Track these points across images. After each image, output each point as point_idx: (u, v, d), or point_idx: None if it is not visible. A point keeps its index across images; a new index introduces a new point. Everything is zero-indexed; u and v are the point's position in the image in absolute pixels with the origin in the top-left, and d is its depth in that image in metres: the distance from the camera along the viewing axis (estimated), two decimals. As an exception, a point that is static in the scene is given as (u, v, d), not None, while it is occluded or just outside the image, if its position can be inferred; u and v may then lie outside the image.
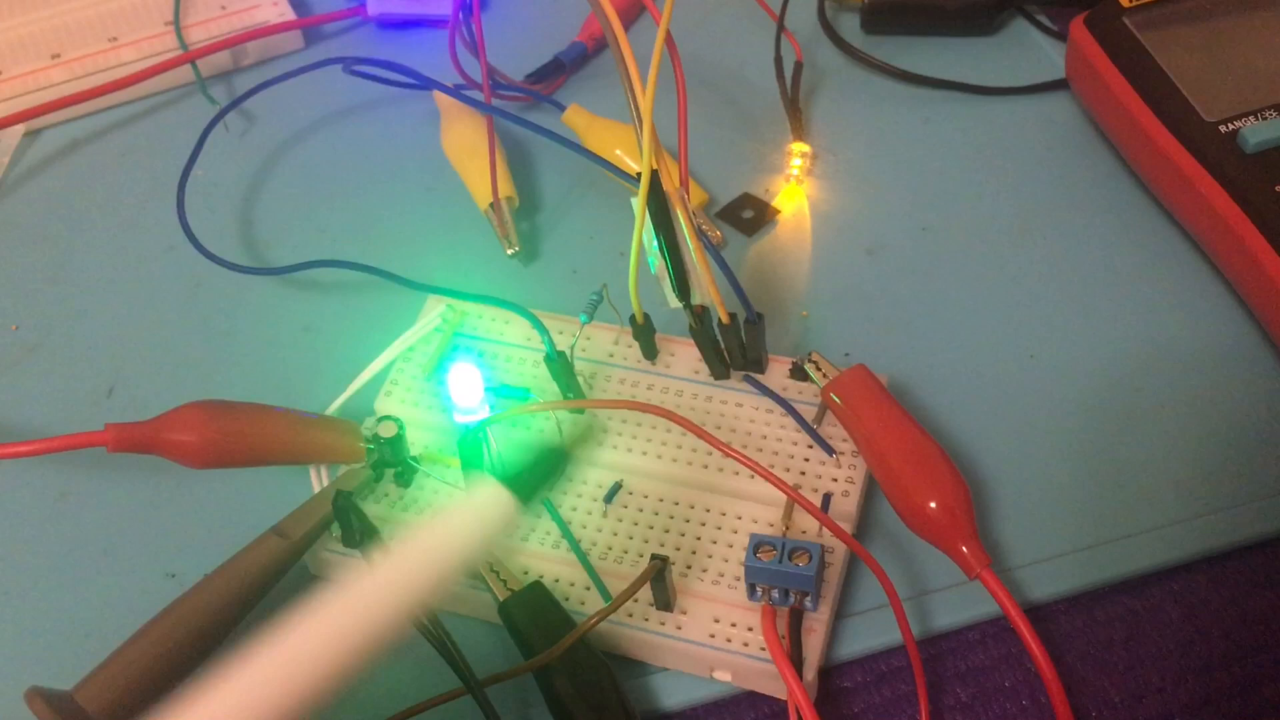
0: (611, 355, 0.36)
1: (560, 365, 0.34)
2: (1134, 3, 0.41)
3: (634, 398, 0.35)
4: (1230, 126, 0.38)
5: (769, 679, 0.30)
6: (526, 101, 0.45)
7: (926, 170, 0.43)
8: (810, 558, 0.30)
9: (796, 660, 0.30)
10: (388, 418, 0.33)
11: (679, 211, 0.32)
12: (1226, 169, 0.37)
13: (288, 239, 0.42)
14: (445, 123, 0.43)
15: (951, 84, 0.45)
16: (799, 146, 0.43)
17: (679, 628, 0.31)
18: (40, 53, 0.46)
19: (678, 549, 0.32)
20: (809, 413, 0.34)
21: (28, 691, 0.28)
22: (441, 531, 0.26)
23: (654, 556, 0.30)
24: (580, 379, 0.35)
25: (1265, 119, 0.38)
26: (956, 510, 0.30)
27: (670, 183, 0.32)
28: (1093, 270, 0.39)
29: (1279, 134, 0.37)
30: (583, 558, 0.32)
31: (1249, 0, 0.41)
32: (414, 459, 0.33)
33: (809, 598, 0.30)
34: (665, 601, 0.31)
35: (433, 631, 0.29)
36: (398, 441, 0.33)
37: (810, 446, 0.34)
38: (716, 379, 0.35)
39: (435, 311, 0.37)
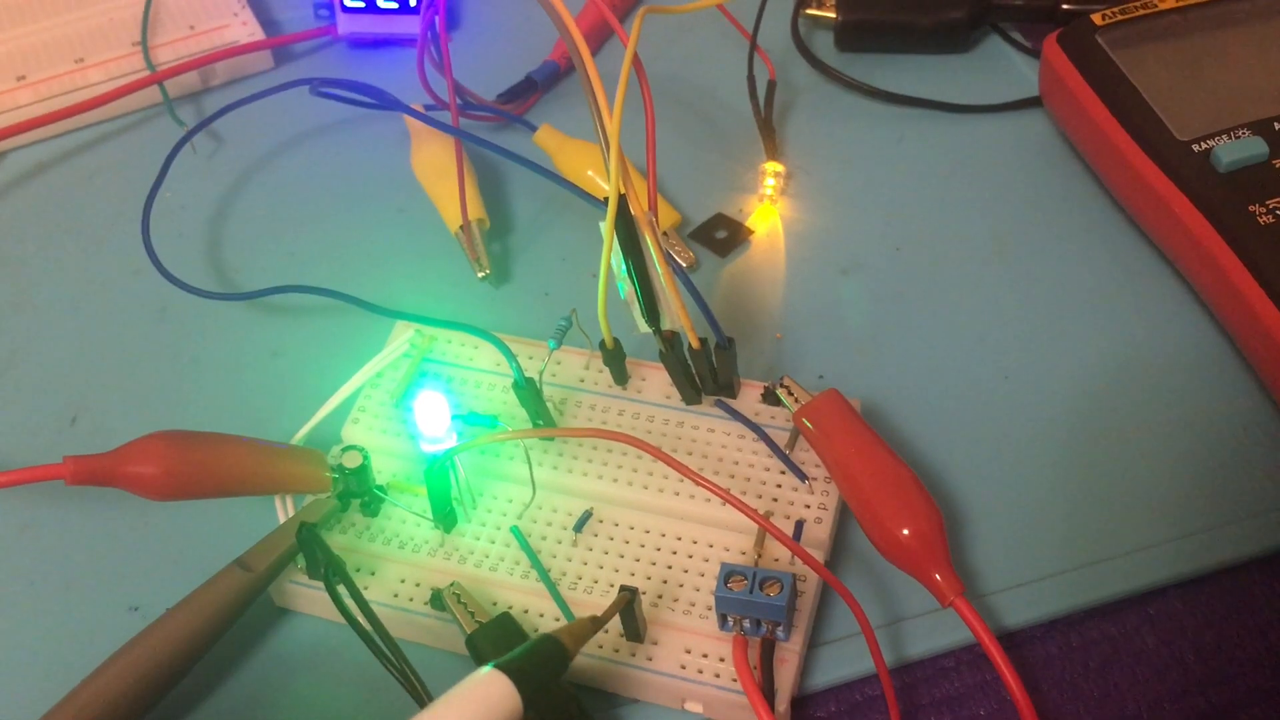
0: (582, 380, 0.36)
1: (529, 392, 0.33)
2: (1107, 21, 0.41)
3: (604, 424, 0.35)
4: (1203, 145, 0.38)
5: (741, 710, 0.30)
6: (498, 121, 0.45)
7: (901, 189, 0.43)
8: (782, 588, 0.29)
9: (769, 691, 0.30)
10: (353, 447, 0.32)
11: (647, 236, 0.31)
12: (1199, 188, 0.37)
13: (255, 263, 0.42)
14: (415, 144, 0.43)
15: (925, 102, 0.45)
16: (773, 166, 0.42)
17: (650, 659, 0.30)
18: (5, 74, 0.46)
19: (648, 578, 0.32)
20: (781, 438, 0.34)
21: (-16, 731, 0.28)
22: None
23: (623, 588, 0.29)
24: (550, 405, 0.34)
25: (1238, 138, 0.37)
26: (929, 537, 0.30)
27: (638, 207, 0.31)
28: (1067, 289, 0.39)
29: (1252, 153, 0.37)
30: (552, 588, 0.32)
31: (1222, 19, 0.41)
32: (380, 489, 0.33)
33: (781, 628, 0.30)
34: (635, 632, 0.30)
35: (396, 664, 0.29)
36: (362, 472, 0.32)
37: (783, 472, 0.33)
38: (688, 404, 0.35)
39: (403, 337, 0.36)
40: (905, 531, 0.30)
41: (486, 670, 0.26)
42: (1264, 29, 0.41)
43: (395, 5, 0.48)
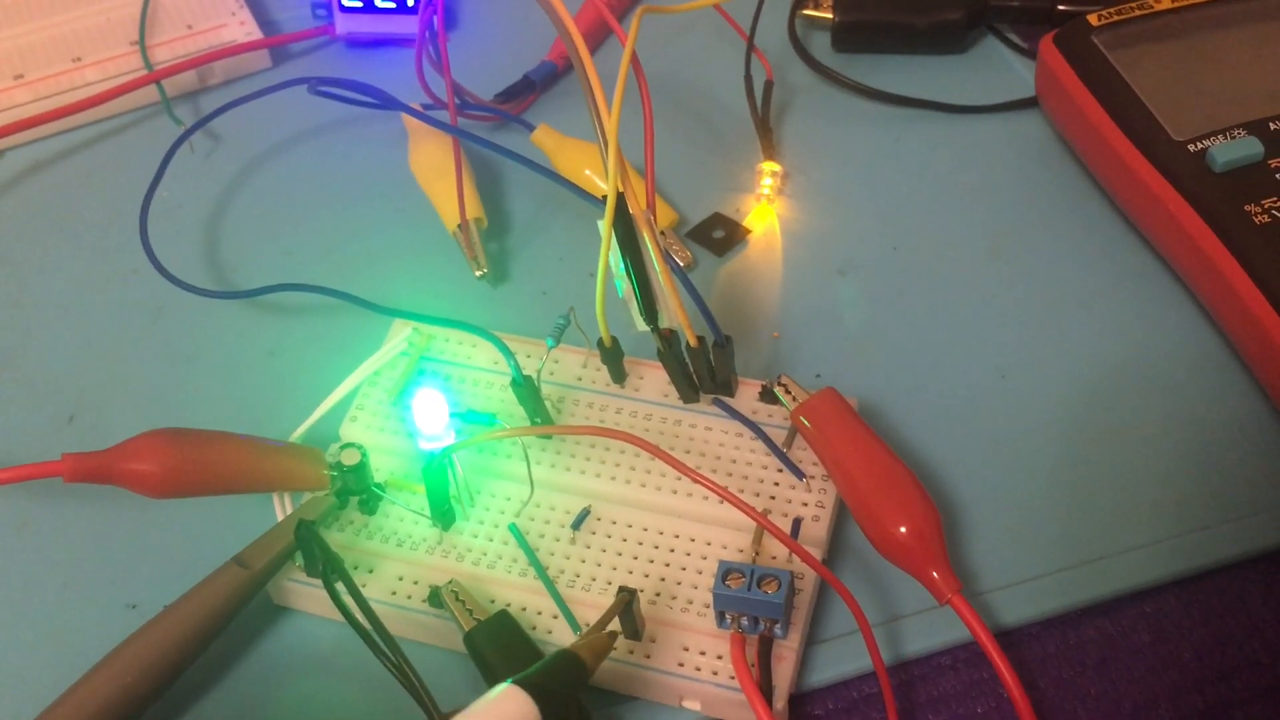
0: (580, 379, 0.36)
1: (527, 390, 0.33)
2: (1103, 21, 0.41)
3: (602, 422, 0.35)
4: (1199, 145, 0.38)
5: (739, 708, 0.30)
6: (495, 121, 0.45)
7: (897, 189, 0.43)
8: (779, 585, 0.29)
9: (766, 689, 0.30)
10: (351, 444, 0.32)
11: (645, 234, 0.31)
12: (1195, 188, 0.37)
13: (253, 262, 0.42)
14: (413, 143, 0.43)
15: (922, 102, 0.45)
16: (770, 166, 0.43)
17: (648, 656, 0.30)
18: (3, 73, 0.46)
19: (646, 576, 0.32)
20: (779, 436, 0.34)
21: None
22: None
23: (621, 589, 0.29)
24: (548, 403, 0.34)
25: (1234, 138, 0.38)
26: (926, 535, 0.30)
27: (636, 205, 0.31)
28: (1063, 289, 0.39)
29: (1247, 153, 0.37)
30: (550, 586, 0.32)
31: (1218, 19, 0.41)
32: (378, 486, 0.33)
33: (778, 625, 0.30)
34: (633, 630, 0.30)
35: (394, 662, 0.29)
36: (361, 469, 0.32)
37: (780, 470, 0.33)
38: (686, 402, 0.35)
39: (401, 335, 0.36)
40: (902, 529, 0.30)
41: (506, 686, 0.26)
42: (1260, 29, 0.41)
43: (393, 5, 0.48)
